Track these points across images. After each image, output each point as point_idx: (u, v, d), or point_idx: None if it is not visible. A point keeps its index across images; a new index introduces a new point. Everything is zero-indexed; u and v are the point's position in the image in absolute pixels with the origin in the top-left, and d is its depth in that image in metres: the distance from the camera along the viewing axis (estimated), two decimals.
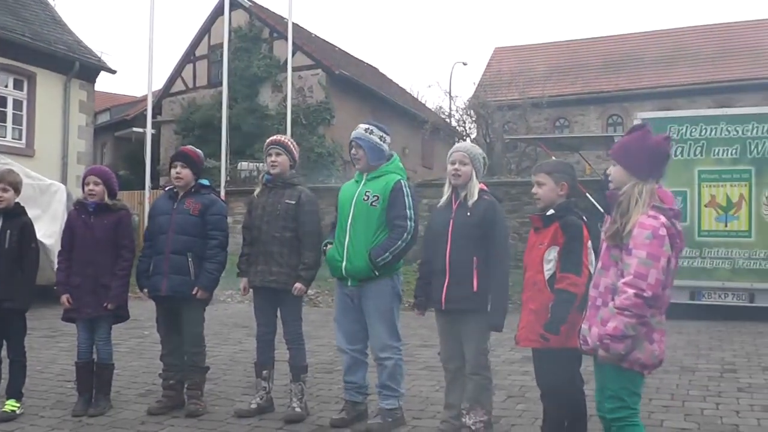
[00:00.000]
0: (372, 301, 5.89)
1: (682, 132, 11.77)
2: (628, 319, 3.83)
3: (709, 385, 7.32)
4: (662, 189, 4.11)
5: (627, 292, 3.84)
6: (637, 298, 3.81)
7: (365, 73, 36.09)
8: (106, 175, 6.68)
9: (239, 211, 20.23)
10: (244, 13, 30.65)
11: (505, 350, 8.54)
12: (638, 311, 3.83)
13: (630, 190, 4.01)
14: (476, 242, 5.45)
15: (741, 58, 34.65)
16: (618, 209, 4.02)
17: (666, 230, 3.90)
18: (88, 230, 6.52)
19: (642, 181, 4.02)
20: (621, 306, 3.85)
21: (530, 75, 34.18)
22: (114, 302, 6.45)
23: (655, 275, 3.83)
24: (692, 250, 11.54)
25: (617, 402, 4.08)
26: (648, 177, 4.04)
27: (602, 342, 3.92)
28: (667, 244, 3.90)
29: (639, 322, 3.86)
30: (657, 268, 3.83)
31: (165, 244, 6.45)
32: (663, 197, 4.05)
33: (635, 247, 3.87)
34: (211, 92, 29.86)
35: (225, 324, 11.29)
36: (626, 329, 3.84)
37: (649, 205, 3.95)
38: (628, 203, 3.98)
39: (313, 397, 6.83)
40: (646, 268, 3.82)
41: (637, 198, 3.97)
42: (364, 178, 6.03)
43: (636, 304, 3.82)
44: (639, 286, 3.82)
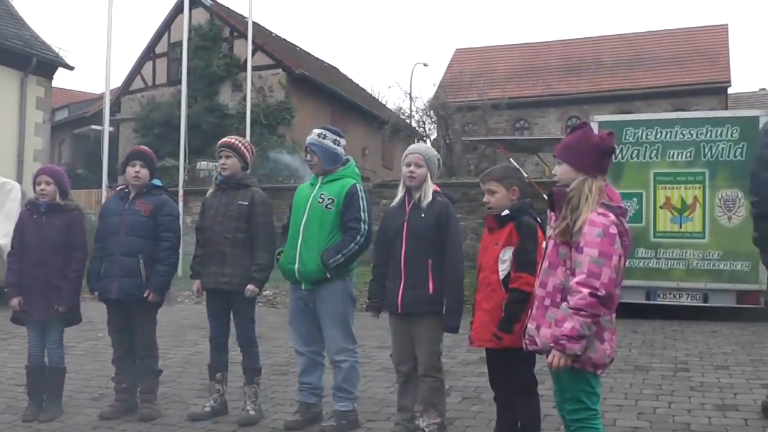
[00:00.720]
0: (326, 304, 5.88)
1: (638, 135, 11.90)
2: (584, 319, 3.80)
3: (662, 384, 7.41)
4: (610, 187, 4.11)
5: (581, 292, 3.80)
6: (592, 297, 3.78)
7: (326, 73, 36.11)
8: (57, 174, 6.58)
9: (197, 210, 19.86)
10: (205, 12, 30.57)
11: (461, 351, 8.57)
12: (593, 311, 3.80)
13: (579, 186, 3.99)
14: (431, 244, 5.46)
15: (698, 63, 35.26)
16: (568, 205, 3.99)
17: (616, 228, 3.89)
18: (39, 231, 6.40)
19: (590, 177, 4.01)
20: (575, 306, 3.81)
21: (491, 76, 34.37)
22: (65, 305, 6.35)
23: (608, 273, 3.81)
24: (648, 251, 11.69)
25: (576, 404, 4.07)
26: (595, 173, 4.03)
27: (558, 343, 3.88)
28: (618, 242, 3.88)
29: (594, 322, 3.85)
30: (609, 267, 3.81)
31: (116, 245, 6.35)
32: (611, 195, 4.04)
33: (586, 245, 3.84)
34: (171, 90, 29.75)
35: (181, 326, 11.21)
36: (582, 329, 3.81)
37: (598, 202, 3.94)
38: (578, 199, 3.96)
39: (267, 399, 6.81)
40: (598, 267, 3.80)
41: (587, 194, 3.95)
42: (319, 181, 6.02)
43: (591, 304, 3.79)
44: (593, 285, 3.79)
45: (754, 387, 7.23)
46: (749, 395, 6.92)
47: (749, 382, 7.46)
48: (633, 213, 11.62)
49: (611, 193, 4.07)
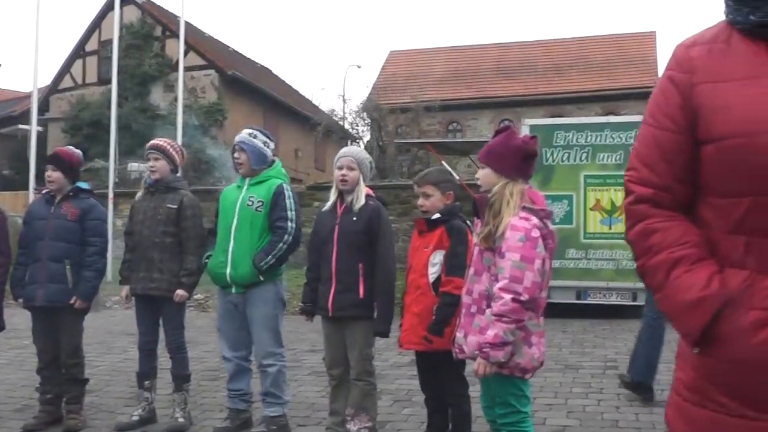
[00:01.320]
0: (256, 307, 5.80)
1: (569, 138, 12.05)
2: (507, 325, 3.77)
3: (592, 383, 7.51)
4: (533, 190, 4.11)
5: (503, 298, 3.77)
6: (515, 302, 3.75)
7: (259, 74, 35.93)
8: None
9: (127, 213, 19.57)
10: (136, 10, 30.19)
11: (392, 354, 8.56)
12: (516, 316, 3.78)
13: (500, 191, 3.97)
14: (362, 248, 5.42)
15: (627, 68, 35.97)
16: (490, 211, 3.98)
17: (539, 231, 3.88)
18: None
19: (512, 182, 3.99)
20: (498, 312, 3.78)
21: (424, 79, 34.55)
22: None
23: (531, 278, 3.78)
24: (578, 252, 11.84)
25: (507, 408, 4.06)
26: (517, 177, 4.02)
27: (482, 351, 3.85)
28: (540, 246, 3.87)
29: (517, 327, 3.82)
30: (532, 271, 3.79)
31: (42, 251, 6.14)
32: (534, 198, 4.04)
33: (508, 250, 3.82)
34: (101, 90, 29.30)
35: (110, 332, 11.00)
36: (506, 335, 3.78)
37: (520, 206, 3.93)
38: (500, 204, 3.95)
39: (197, 406, 6.70)
40: (521, 271, 3.78)
41: (508, 199, 3.93)
42: (246, 183, 5.94)
43: (513, 309, 3.76)
44: (515, 290, 3.76)
45: None
46: None
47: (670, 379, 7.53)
48: (563, 215, 11.79)
49: (534, 196, 4.07)
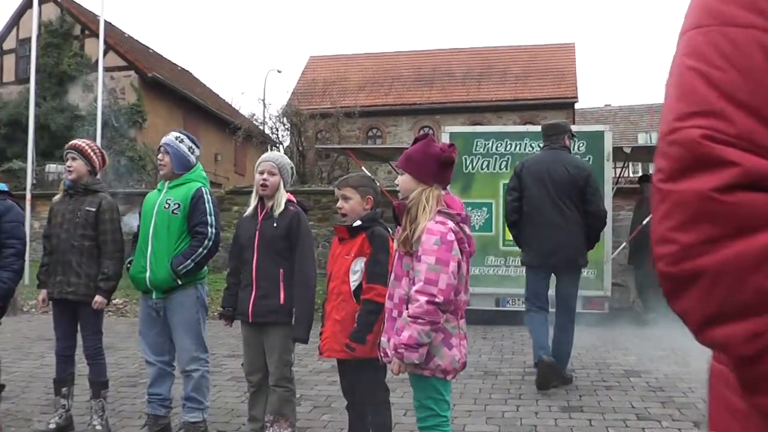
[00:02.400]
0: (177, 312, 5.77)
1: (489, 146, 12.20)
2: (422, 327, 3.85)
3: (511, 389, 7.63)
4: (450, 195, 4.19)
5: (419, 300, 3.85)
6: (429, 304, 3.83)
7: (179, 76, 35.57)
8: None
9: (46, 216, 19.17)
10: (55, 8, 29.63)
11: (312, 360, 8.58)
12: (431, 318, 3.85)
13: (417, 197, 4.06)
14: (282, 254, 5.44)
15: (546, 78, 36.61)
16: (407, 216, 4.06)
17: (454, 235, 3.96)
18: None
19: (429, 187, 4.08)
20: (413, 314, 3.86)
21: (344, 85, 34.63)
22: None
23: (445, 280, 3.86)
24: (497, 259, 11.98)
25: (425, 411, 4.12)
26: (434, 182, 4.10)
27: (397, 351, 3.93)
28: (456, 249, 3.94)
29: (432, 329, 3.89)
30: (447, 273, 3.87)
31: None
32: (450, 203, 4.12)
33: (424, 254, 3.90)
34: (19, 89, 28.70)
35: (27, 337, 10.78)
36: (420, 337, 3.86)
37: (435, 210, 4.01)
38: (416, 209, 4.03)
39: (115, 413, 6.62)
40: (435, 274, 3.85)
41: (425, 204, 4.02)
42: (166, 186, 5.91)
43: (428, 311, 3.84)
44: (430, 291, 3.84)
45: (597, 389, 7.57)
46: (593, 397, 7.24)
47: (593, 383, 7.80)
48: (483, 222, 11.92)
49: (451, 201, 4.15)
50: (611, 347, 10.04)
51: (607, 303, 11.79)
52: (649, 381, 7.91)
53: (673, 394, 7.33)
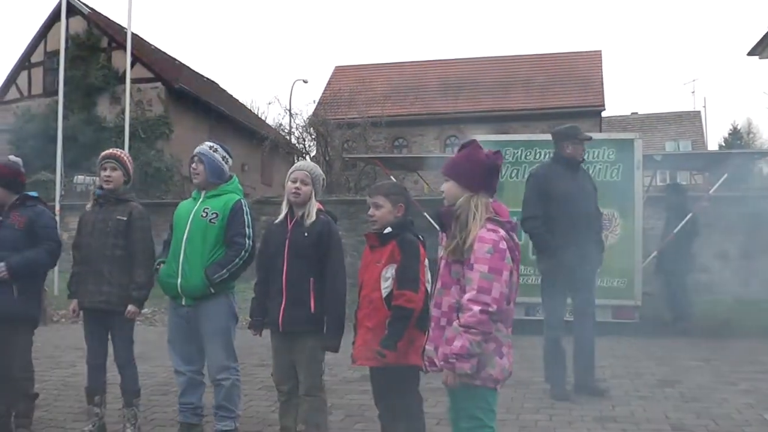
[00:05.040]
0: (208, 321, 5.78)
1: (518, 155, 12.16)
2: (474, 337, 3.80)
3: (543, 398, 7.56)
4: (497, 202, 4.13)
5: (472, 309, 3.80)
6: (483, 314, 3.79)
7: (205, 87, 35.73)
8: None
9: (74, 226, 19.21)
10: (83, 21, 29.81)
11: (343, 369, 8.54)
12: (484, 328, 3.81)
13: (465, 204, 4.01)
14: (313, 262, 5.42)
15: (573, 86, 36.39)
16: (457, 223, 4.01)
17: (506, 243, 3.92)
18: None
19: (476, 195, 4.04)
20: (466, 324, 3.81)
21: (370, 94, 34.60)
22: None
23: (498, 289, 3.82)
24: (527, 268, 11.86)
25: (473, 421, 4.06)
26: (481, 190, 4.06)
27: (447, 362, 3.88)
28: (508, 257, 3.90)
29: (484, 339, 3.85)
30: (500, 282, 3.83)
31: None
32: (498, 211, 4.07)
33: (476, 262, 3.85)
34: (47, 101, 28.87)
35: (58, 346, 10.83)
36: (472, 347, 3.81)
37: (485, 218, 3.97)
38: (466, 217, 3.98)
39: (147, 421, 6.63)
40: (488, 283, 3.81)
41: (474, 211, 3.97)
42: (202, 196, 5.93)
43: (481, 321, 3.79)
44: (483, 301, 3.79)
45: (631, 399, 7.49)
46: (627, 407, 7.16)
47: (627, 394, 7.72)
48: None
49: (499, 209, 4.10)
50: (643, 357, 9.95)
51: (637, 312, 11.69)
52: (682, 391, 7.82)
53: (708, 404, 7.25)
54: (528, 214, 7.74)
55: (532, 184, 7.87)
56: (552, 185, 7.70)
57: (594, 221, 7.98)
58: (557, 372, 7.65)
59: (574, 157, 7.84)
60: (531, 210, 7.73)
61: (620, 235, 11.51)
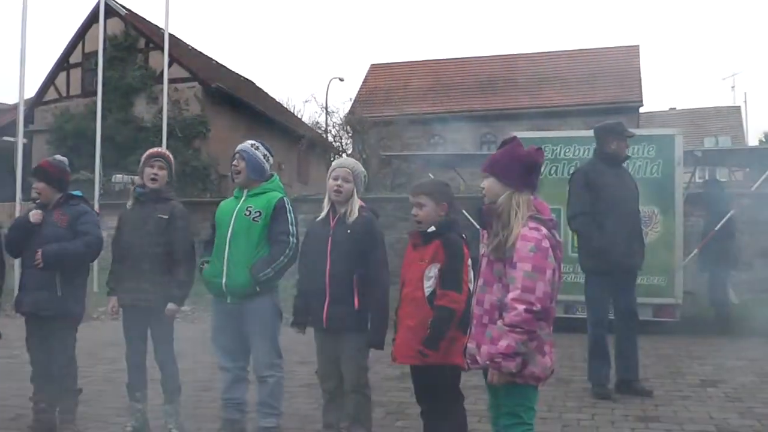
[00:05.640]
0: (253, 319, 5.78)
1: (556, 152, 12.06)
2: (519, 336, 3.79)
3: (584, 397, 7.50)
4: (539, 200, 4.11)
5: (516, 309, 3.79)
6: (527, 313, 3.77)
7: (242, 86, 35.86)
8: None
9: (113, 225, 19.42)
10: (120, 22, 29.97)
11: (383, 366, 8.52)
12: (528, 327, 3.80)
13: (507, 201, 3.99)
14: (356, 259, 5.42)
15: (610, 82, 36.01)
16: (499, 221, 3.99)
17: (548, 242, 3.90)
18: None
19: (517, 192, 4.01)
20: (511, 323, 3.80)
21: (405, 92, 34.58)
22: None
23: (542, 288, 3.80)
24: (566, 266, 11.72)
25: (513, 418, 4.06)
26: (522, 187, 4.04)
27: (493, 361, 3.87)
28: (551, 256, 3.88)
29: (530, 338, 3.84)
30: (543, 281, 3.81)
31: (32, 258, 6.11)
32: (540, 208, 4.05)
33: (519, 261, 3.84)
34: (85, 102, 29.13)
35: (98, 343, 10.89)
36: (518, 346, 3.81)
37: (527, 216, 3.95)
38: (508, 215, 3.96)
39: (189, 416, 6.64)
40: (532, 282, 3.80)
41: (516, 209, 3.95)
42: (244, 194, 5.94)
43: (526, 320, 3.78)
44: (528, 300, 3.78)
45: (673, 399, 7.39)
46: (670, 407, 7.07)
47: (669, 393, 7.63)
48: None
49: (540, 207, 4.08)
50: (685, 356, 9.85)
51: (678, 311, 11.56)
52: (726, 391, 7.72)
53: (753, 404, 7.16)
54: (576, 211, 7.66)
55: (577, 181, 7.80)
56: (596, 182, 7.62)
57: (637, 219, 7.89)
58: (600, 370, 7.57)
59: (618, 154, 7.77)
60: (578, 207, 7.65)
61: (660, 232, 11.37)
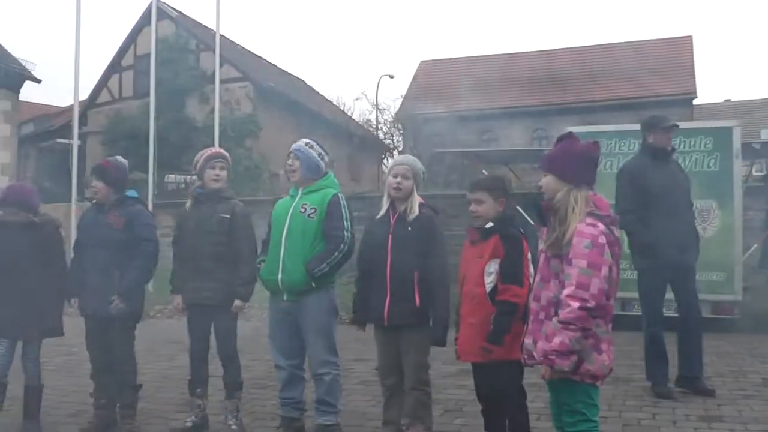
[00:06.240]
0: (310, 316, 5.79)
1: (611, 146, 11.91)
2: (573, 333, 3.76)
3: (644, 396, 7.39)
4: (597, 196, 4.07)
5: (571, 305, 3.76)
6: (581, 310, 3.74)
7: (292, 85, 36.08)
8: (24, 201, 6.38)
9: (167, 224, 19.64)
10: (171, 24, 30.38)
11: (439, 364, 8.47)
12: (583, 324, 3.77)
13: (565, 197, 3.97)
14: (416, 256, 5.41)
15: (663, 74, 35.48)
16: (556, 217, 3.97)
17: (605, 238, 3.85)
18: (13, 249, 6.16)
19: (575, 188, 3.98)
20: (565, 320, 3.77)
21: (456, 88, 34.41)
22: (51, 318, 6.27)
23: (597, 285, 3.77)
24: (623, 262, 11.59)
25: (577, 416, 4.02)
26: (580, 183, 4.01)
27: (547, 358, 3.85)
28: (607, 252, 3.84)
29: (584, 335, 3.81)
30: (599, 277, 3.77)
31: (89, 259, 6.25)
32: (599, 204, 4.01)
33: (575, 257, 3.81)
34: (137, 103, 29.47)
35: (155, 340, 11.01)
36: (572, 344, 3.78)
37: (585, 212, 3.91)
38: (565, 211, 3.94)
39: (247, 413, 6.71)
40: (587, 278, 3.76)
41: (573, 205, 3.92)
42: (300, 192, 5.96)
43: (580, 317, 3.75)
44: (582, 296, 3.75)
45: (736, 398, 7.25)
46: (733, 406, 6.93)
47: (731, 392, 7.48)
48: None
49: (599, 202, 4.04)
50: (746, 354, 9.68)
51: (737, 308, 11.35)
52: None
53: None
54: (621, 209, 7.53)
55: (621, 178, 7.70)
56: (641, 177, 7.49)
57: (688, 212, 7.75)
58: (659, 369, 7.46)
59: (659, 146, 7.64)
60: (624, 205, 7.46)
61: (719, 227, 11.18)
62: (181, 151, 26.14)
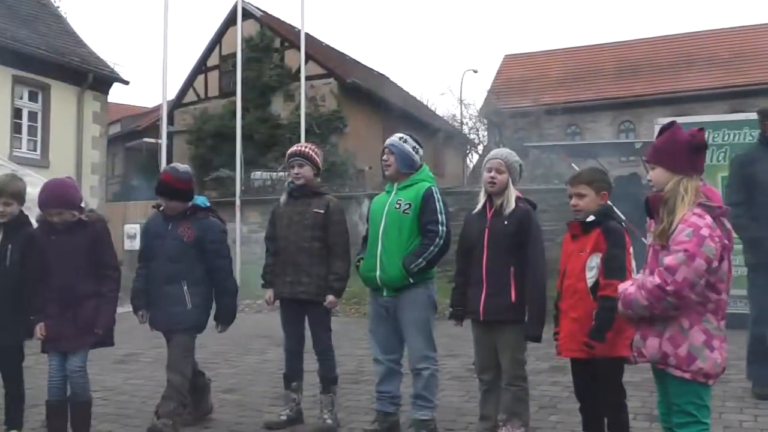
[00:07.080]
0: (408, 311, 5.78)
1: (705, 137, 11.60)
2: (641, 299, 3.79)
3: (745, 397, 7.18)
4: (708, 186, 3.97)
5: (654, 280, 3.74)
6: (658, 289, 3.70)
7: (376, 81, 36.13)
8: (64, 197, 5.56)
9: (254, 220, 20.15)
10: (255, 23, 30.75)
11: (531, 360, 8.33)
12: (652, 300, 3.74)
13: (675, 187, 3.86)
14: (512, 251, 5.37)
15: (756, 61, 34.29)
16: (665, 208, 3.87)
17: (709, 231, 3.73)
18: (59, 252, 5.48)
19: (685, 177, 3.87)
20: (643, 285, 3.80)
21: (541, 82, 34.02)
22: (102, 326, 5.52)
23: (684, 273, 3.65)
24: None
25: (686, 417, 3.89)
26: (690, 171, 3.89)
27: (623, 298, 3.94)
28: (707, 246, 3.70)
29: (650, 309, 3.79)
30: (689, 267, 3.65)
31: (158, 271, 6.05)
32: (710, 195, 3.90)
33: (674, 243, 3.73)
34: (223, 102, 30.00)
35: (245, 334, 11.17)
36: (635, 303, 3.84)
37: (695, 202, 3.81)
38: (674, 201, 3.84)
39: (342, 408, 6.73)
40: (677, 264, 3.66)
41: (683, 195, 3.82)
42: (395, 188, 5.96)
43: (652, 292, 3.73)
44: (664, 278, 3.68)
45: None
46: None
47: None
48: None
49: (710, 193, 3.93)
50: None
51: None
52: None
53: None
54: (728, 202, 7.28)
55: (734, 169, 7.46)
56: (750, 169, 7.22)
57: None
58: (762, 370, 7.21)
59: None
60: (732, 197, 7.19)
61: None
62: (266, 148, 26.50)
